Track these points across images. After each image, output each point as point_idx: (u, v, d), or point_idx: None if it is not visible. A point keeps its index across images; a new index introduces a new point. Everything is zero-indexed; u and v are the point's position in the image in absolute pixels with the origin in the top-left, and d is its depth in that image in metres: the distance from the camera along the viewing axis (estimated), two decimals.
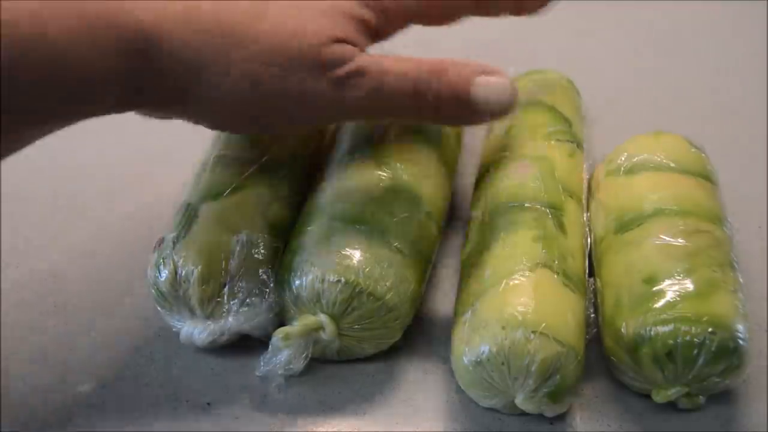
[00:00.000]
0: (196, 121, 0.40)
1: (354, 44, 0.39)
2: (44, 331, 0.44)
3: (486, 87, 0.39)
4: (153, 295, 0.42)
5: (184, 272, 0.40)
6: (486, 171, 0.47)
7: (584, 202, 0.47)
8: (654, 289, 0.39)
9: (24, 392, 0.41)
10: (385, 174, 0.44)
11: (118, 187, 0.55)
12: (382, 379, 0.41)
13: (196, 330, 0.41)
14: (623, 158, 0.47)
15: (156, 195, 0.42)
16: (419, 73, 0.39)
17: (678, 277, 0.39)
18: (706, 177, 0.45)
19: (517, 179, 0.45)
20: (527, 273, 0.39)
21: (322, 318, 0.40)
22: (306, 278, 0.40)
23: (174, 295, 0.41)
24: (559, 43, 0.50)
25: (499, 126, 0.50)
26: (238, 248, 0.41)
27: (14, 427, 0.39)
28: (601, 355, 0.41)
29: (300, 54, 0.37)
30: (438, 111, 0.39)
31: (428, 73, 0.39)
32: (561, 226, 0.42)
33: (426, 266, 0.44)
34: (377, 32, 0.41)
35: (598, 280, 0.43)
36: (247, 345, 0.42)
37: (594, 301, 0.43)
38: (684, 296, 0.38)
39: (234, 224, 0.42)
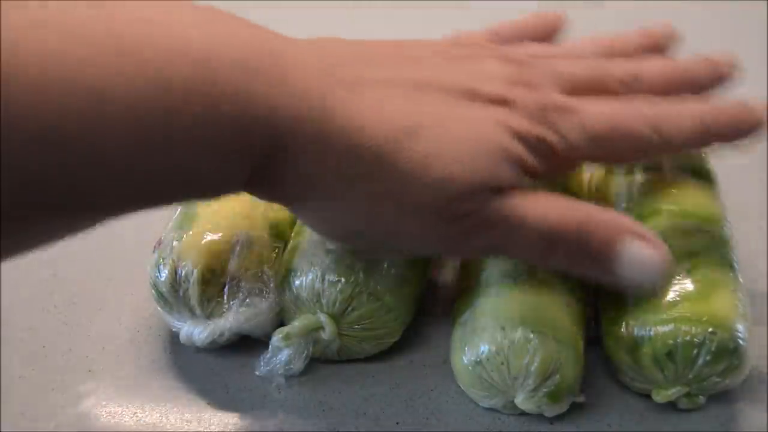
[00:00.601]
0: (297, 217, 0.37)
1: (508, 188, 0.34)
2: (44, 331, 0.44)
3: (634, 260, 0.34)
4: (153, 295, 0.42)
5: (184, 272, 0.40)
6: None
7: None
8: None
9: (24, 392, 0.41)
10: None
11: None
12: (382, 379, 0.41)
13: (196, 330, 0.41)
14: None
15: None
16: (560, 226, 0.34)
17: (678, 277, 0.38)
18: (706, 177, 0.45)
19: None
20: (526, 272, 0.39)
21: (322, 318, 0.40)
22: (306, 278, 0.40)
23: (174, 295, 0.41)
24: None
25: None
26: (238, 248, 0.41)
27: (14, 427, 0.39)
28: (601, 355, 0.41)
29: (430, 201, 0.33)
30: (568, 266, 0.36)
31: (571, 229, 0.34)
32: None
33: (426, 266, 0.44)
34: (543, 175, 0.36)
35: None
36: (247, 345, 0.42)
37: (594, 301, 0.43)
38: (684, 296, 0.38)
39: (234, 224, 0.42)
